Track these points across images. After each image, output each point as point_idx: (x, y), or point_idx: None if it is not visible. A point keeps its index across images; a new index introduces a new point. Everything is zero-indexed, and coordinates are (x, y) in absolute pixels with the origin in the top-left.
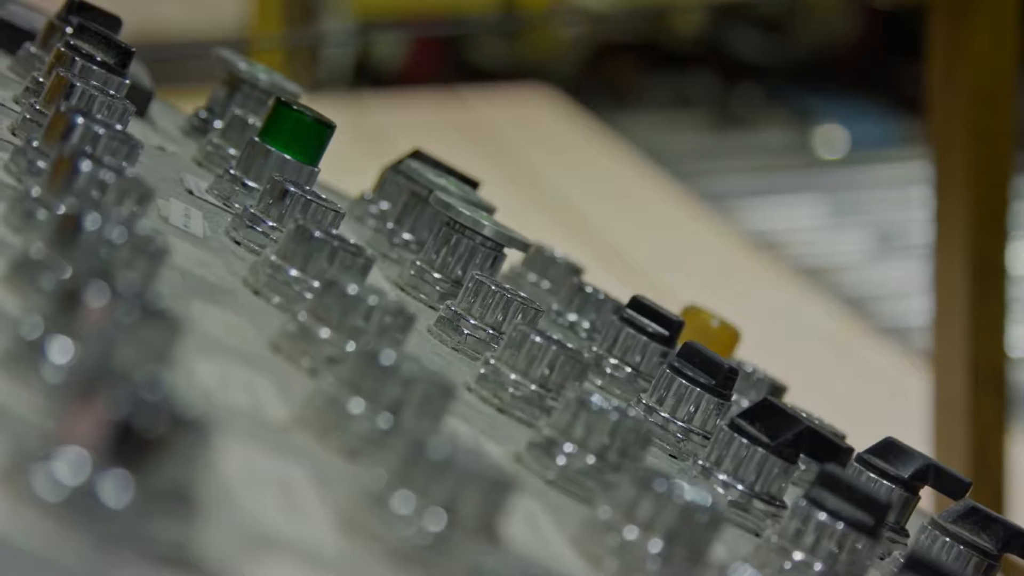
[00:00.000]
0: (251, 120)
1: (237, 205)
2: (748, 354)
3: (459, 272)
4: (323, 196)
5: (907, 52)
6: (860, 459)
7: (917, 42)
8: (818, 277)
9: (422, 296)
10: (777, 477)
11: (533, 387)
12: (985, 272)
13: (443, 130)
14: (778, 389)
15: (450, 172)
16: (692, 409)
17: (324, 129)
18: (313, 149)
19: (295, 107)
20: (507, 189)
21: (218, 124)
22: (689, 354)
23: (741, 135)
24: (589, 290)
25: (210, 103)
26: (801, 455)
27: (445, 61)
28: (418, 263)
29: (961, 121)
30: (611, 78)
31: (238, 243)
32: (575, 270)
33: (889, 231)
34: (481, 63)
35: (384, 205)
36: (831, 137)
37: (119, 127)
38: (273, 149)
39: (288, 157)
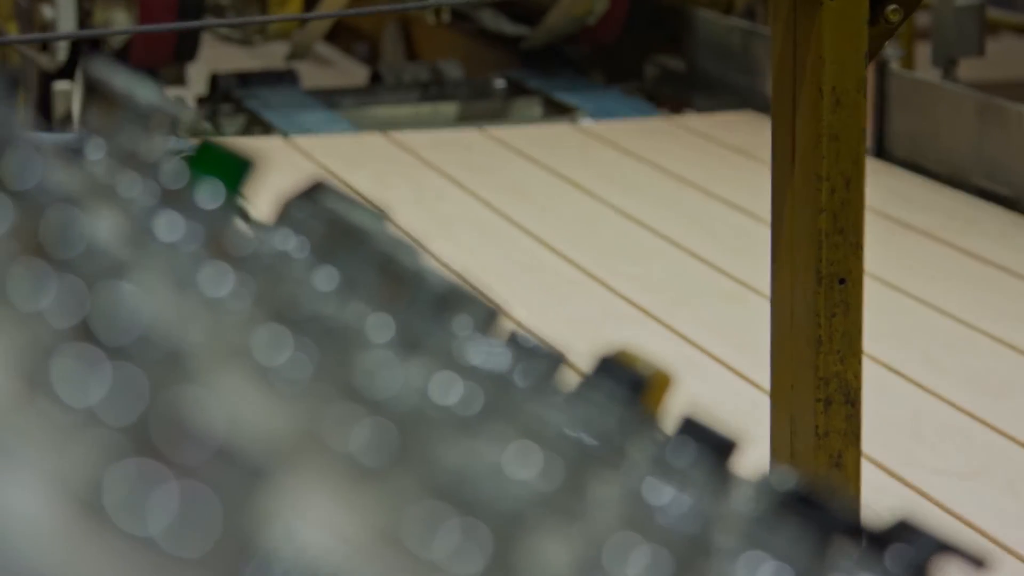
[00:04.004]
0: (139, 147)
1: (182, 254)
2: None
3: (414, 333)
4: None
5: (658, 41)
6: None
7: (659, 30)
8: None
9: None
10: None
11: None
12: (836, 280)
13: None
14: (728, 445)
15: (360, 206)
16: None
17: (248, 166)
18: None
19: (222, 147)
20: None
21: (97, 151)
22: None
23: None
24: (525, 342)
25: (81, 124)
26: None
27: (177, 40)
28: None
29: (809, 122)
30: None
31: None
32: (493, 312)
33: None
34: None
35: (289, 244)
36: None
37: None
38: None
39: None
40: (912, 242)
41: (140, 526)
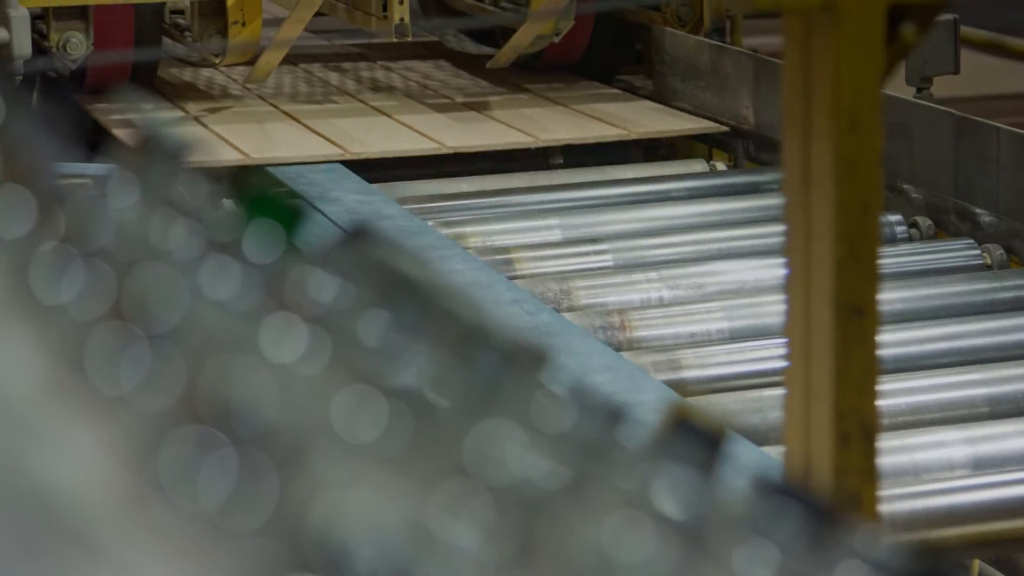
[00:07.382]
0: (177, 191)
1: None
2: None
3: (489, 393)
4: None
5: (624, 59)
6: None
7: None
8: None
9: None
10: None
11: None
12: (852, 312)
13: None
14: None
15: (405, 253)
16: None
17: (301, 215)
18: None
19: (275, 195)
20: None
21: (128, 192)
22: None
23: None
24: (589, 397)
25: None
26: None
27: (133, 62)
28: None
29: (823, 146)
30: None
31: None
32: (550, 360)
33: None
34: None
35: (339, 294)
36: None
37: None
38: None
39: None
40: None
41: None
